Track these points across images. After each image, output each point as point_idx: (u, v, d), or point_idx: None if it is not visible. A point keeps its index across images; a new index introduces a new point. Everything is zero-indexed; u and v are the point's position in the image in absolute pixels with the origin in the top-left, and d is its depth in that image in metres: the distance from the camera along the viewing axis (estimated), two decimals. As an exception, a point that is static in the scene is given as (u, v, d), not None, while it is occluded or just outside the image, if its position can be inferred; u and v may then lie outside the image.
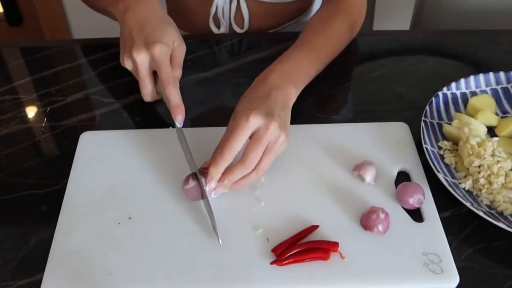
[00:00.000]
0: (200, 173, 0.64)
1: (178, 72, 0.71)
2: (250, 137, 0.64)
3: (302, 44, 0.77)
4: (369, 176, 0.67)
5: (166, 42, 0.68)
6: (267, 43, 0.93)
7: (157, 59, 0.67)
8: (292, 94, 0.70)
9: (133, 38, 0.68)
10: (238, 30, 1.01)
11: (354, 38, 0.86)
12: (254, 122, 0.62)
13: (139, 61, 0.67)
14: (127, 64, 0.70)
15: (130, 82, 0.84)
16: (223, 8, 0.98)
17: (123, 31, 0.72)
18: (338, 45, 0.81)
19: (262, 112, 0.63)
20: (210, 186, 0.63)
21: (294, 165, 0.70)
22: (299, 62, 0.73)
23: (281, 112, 0.65)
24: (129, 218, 0.64)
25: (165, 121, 0.79)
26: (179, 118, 0.67)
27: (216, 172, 0.62)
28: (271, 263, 0.59)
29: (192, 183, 0.63)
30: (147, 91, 0.71)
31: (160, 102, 0.82)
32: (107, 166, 0.70)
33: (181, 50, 0.72)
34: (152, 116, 0.80)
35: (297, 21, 1.06)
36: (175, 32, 0.71)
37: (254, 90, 0.68)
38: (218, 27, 1.01)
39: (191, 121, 0.79)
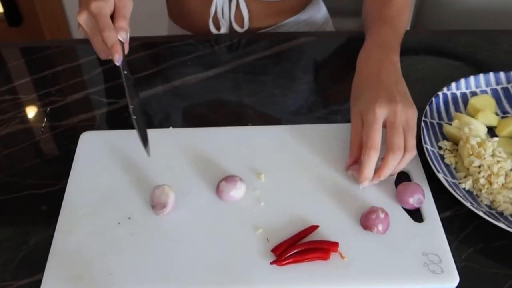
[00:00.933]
0: None
1: (122, 23, 0.69)
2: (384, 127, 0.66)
3: (377, 19, 0.80)
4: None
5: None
6: (266, 42, 0.93)
7: (93, 12, 0.67)
8: (397, 61, 0.73)
9: (81, 4, 0.70)
10: (238, 29, 1.01)
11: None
12: (381, 113, 0.65)
13: (82, 22, 0.69)
14: (80, 29, 0.71)
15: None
16: (222, 8, 0.99)
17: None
18: (407, 15, 0.84)
19: (384, 100, 0.66)
20: (363, 185, 0.66)
21: (294, 165, 0.70)
22: (386, 33, 0.77)
23: (398, 87, 0.68)
24: (129, 218, 0.64)
25: (164, 121, 0.79)
26: (116, 57, 0.67)
27: (369, 173, 0.65)
28: (271, 263, 0.59)
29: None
30: (99, 47, 0.70)
31: (160, 103, 0.82)
32: (107, 166, 0.70)
33: (123, 4, 0.70)
34: (151, 116, 0.80)
35: (296, 18, 1.06)
36: None
37: (363, 76, 0.72)
38: (218, 28, 1.01)
39: (191, 121, 0.79)
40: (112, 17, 0.68)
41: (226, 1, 0.98)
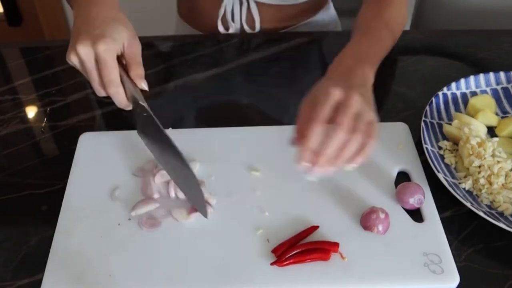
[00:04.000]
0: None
1: (138, 70, 0.63)
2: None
3: (361, 32, 0.75)
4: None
5: (115, 38, 0.61)
6: (266, 42, 0.93)
7: (101, 56, 0.60)
8: (370, 75, 0.68)
9: (80, 33, 0.61)
10: (249, 31, 1.01)
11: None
12: (334, 93, 0.58)
13: (83, 55, 0.61)
14: (73, 60, 0.62)
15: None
16: (232, 11, 0.98)
17: (72, 28, 0.65)
18: (393, 33, 0.79)
19: (343, 87, 0.59)
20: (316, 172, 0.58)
21: (293, 166, 0.70)
22: (364, 46, 0.72)
23: (361, 88, 0.62)
24: (129, 219, 0.64)
25: (164, 122, 0.78)
26: (128, 108, 0.63)
27: (312, 143, 0.56)
28: (272, 263, 0.59)
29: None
30: (98, 86, 0.64)
31: (160, 103, 0.82)
32: (106, 168, 0.70)
33: (135, 48, 0.64)
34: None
35: (308, 22, 1.06)
36: (126, 30, 0.63)
37: (333, 73, 0.66)
38: (227, 29, 1.01)
39: (191, 121, 0.79)
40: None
41: (237, 4, 0.97)
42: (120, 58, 0.63)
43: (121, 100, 0.63)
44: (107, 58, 0.60)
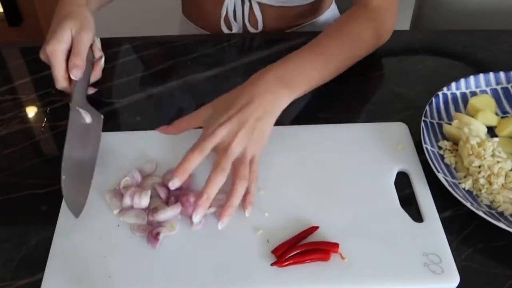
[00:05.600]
0: None
1: (75, 60, 0.72)
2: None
3: (311, 46, 0.75)
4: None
5: (58, 38, 0.72)
6: (266, 42, 0.93)
7: (49, 56, 0.73)
8: (284, 99, 0.68)
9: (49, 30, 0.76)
10: (252, 31, 1.01)
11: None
12: (219, 137, 0.64)
13: (43, 59, 0.76)
14: (42, 59, 0.77)
15: (130, 82, 0.85)
16: (235, 11, 0.98)
17: None
18: (355, 51, 0.78)
19: (230, 128, 0.64)
20: (174, 184, 0.62)
21: (293, 166, 0.70)
22: (301, 65, 0.71)
23: (256, 123, 0.65)
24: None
25: (164, 121, 0.78)
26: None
27: (184, 173, 0.62)
28: (272, 264, 0.59)
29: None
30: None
31: (159, 103, 0.82)
32: (106, 168, 0.70)
33: (80, 37, 0.73)
34: (152, 116, 0.80)
35: (312, 23, 1.06)
36: (74, 25, 0.74)
37: (243, 89, 0.68)
38: (230, 29, 1.01)
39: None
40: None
41: (239, 4, 0.97)
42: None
43: (59, 84, 0.75)
44: (51, 58, 0.73)
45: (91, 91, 0.79)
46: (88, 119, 0.71)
